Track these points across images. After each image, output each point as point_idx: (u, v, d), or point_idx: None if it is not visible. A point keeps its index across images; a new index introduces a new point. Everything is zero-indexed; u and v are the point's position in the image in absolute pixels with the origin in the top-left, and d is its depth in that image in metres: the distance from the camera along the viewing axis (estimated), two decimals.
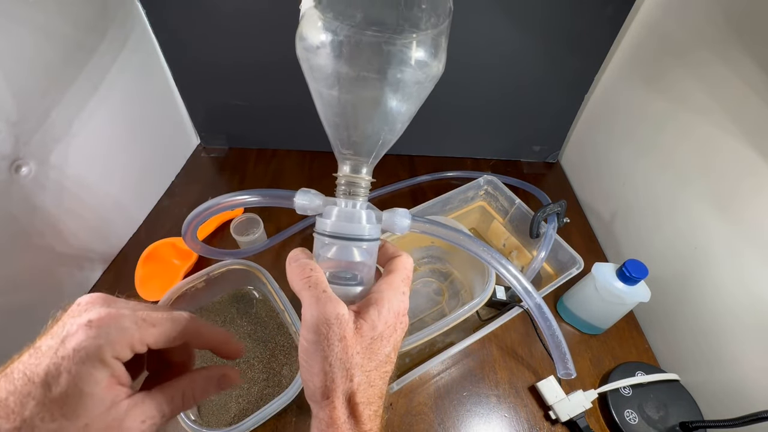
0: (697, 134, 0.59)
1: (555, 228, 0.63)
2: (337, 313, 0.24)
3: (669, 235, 0.64)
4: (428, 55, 0.27)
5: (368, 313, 0.26)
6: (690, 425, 0.52)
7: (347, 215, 0.29)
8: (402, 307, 0.28)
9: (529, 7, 0.70)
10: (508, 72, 0.80)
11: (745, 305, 0.52)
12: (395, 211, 0.31)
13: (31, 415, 0.19)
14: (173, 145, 0.88)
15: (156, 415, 0.23)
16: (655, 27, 0.67)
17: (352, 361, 0.25)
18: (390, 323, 0.27)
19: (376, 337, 0.26)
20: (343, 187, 0.30)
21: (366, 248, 0.29)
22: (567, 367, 0.35)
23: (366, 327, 0.25)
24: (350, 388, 0.25)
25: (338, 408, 0.25)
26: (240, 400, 0.55)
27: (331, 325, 0.24)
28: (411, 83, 0.27)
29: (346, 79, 0.26)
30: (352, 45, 0.25)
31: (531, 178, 0.88)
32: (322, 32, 0.26)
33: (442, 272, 0.72)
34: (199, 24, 0.73)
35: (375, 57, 0.26)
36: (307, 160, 0.91)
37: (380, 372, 0.27)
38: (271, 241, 0.71)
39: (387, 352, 0.27)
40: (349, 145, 0.29)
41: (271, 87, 0.82)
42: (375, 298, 0.27)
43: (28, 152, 0.53)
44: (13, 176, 0.52)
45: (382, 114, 0.28)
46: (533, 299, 0.33)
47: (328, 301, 0.25)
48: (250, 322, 0.63)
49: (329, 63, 0.26)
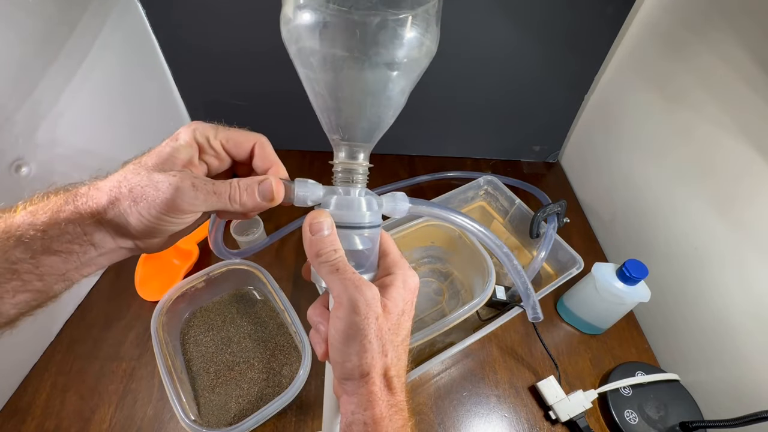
0: (698, 134, 0.59)
1: (555, 228, 0.63)
2: (373, 293, 0.26)
3: (669, 235, 0.64)
4: (419, 31, 0.26)
5: (390, 292, 0.28)
6: (690, 425, 0.52)
7: (346, 203, 0.28)
8: (415, 282, 0.30)
9: (529, 6, 0.70)
10: (508, 72, 0.80)
11: (745, 305, 0.52)
12: (394, 196, 0.31)
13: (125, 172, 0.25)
14: None
15: (208, 187, 0.25)
16: (655, 27, 0.67)
17: (386, 337, 0.26)
18: (408, 299, 0.28)
19: (400, 313, 0.28)
20: (341, 174, 0.29)
21: (368, 235, 0.29)
22: (536, 311, 0.38)
23: (391, 305, 0.27)
24: (386, 363, 0.26)
25: (377, 383, 0.26)
26: (240, 400, 0.55)
27: (370, 305, 0.25)
28: (402, 60, 0.26)
29: (335, 60, 0.25)
30: (338, 23, 0.24)
31: (531, 178, 0.88)
32: (307, 11, 0.24)
33: (442, 272, 0.72)
34: (199, 24, 0.73)
35: (363, 35, 0.25)
36: (307, 160, 0.91)
37: (404, 346, 0.28)
38: (270, 238, 0.71)
39: (408, 326, 0.29)
40: (344, 130, 0.28)
41: (272, 87, 0.82)
42: (391, 279, 0.28)
43: (28, 152, 0.53)
44: (13, 176, 0.52)
45: (374, 96, 0.27)
46: (501, 248, 0.35)
47: (362, 283, 0.26)
48: (250, 322, 0.63)
49: (316, 44, 0.25)
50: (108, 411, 0.54)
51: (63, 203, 0.24)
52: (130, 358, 0.59)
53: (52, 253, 0.24)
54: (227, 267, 0.61)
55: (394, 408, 0.27)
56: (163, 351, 0.52)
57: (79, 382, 0.57)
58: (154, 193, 0.24)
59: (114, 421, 0.53)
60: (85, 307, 0.65)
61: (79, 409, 0.54)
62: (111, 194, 0.24)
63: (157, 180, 0.24)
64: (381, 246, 0.30)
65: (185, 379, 0.55)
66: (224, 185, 0.26)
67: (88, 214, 0.24)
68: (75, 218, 0.24)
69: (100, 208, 0.24)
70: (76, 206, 0.24)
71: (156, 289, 0.66)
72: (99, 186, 0.25)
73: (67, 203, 0.24)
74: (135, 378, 0.57)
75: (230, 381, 0.57)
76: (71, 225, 0.24)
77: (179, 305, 0.60)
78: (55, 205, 0.24)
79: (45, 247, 0.23)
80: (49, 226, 0.23)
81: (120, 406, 0.55)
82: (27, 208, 0.24)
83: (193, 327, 0.62)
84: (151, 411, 0.54)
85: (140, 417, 0.54)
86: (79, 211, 0.24)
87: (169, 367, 0.51)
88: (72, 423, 0.53)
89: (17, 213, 0.24)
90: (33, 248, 0.23)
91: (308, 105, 0.29)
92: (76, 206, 0.24)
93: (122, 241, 0.26)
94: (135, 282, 0.66)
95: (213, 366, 0.58)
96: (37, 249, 0.23)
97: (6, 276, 0.23)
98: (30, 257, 0.23)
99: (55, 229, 0.24)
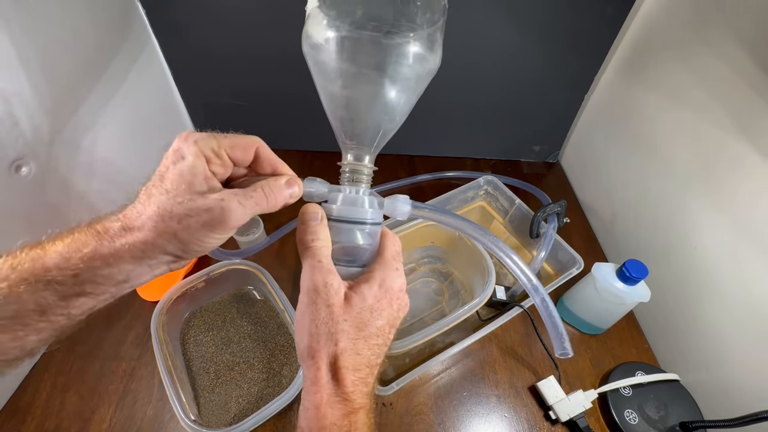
0: (698, 134, 0.59)
1: (555, 228, 0.63)
2: (325, 282, 0.27)
3: (669, 235, 0.64)
4: (425, 50, 0.29)
5: (359, 286, 0.28)
6: (690, 425, 0.52)
7: (351, 200, 0.31)
8: (398, 284, 0.30)
9: (530, 7, 0.70)
10: (508, 72, 0.80)
11: (745, 305, 0.52)
12: (396, 198, 0.33)
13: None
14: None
15: (248, 202, 0.26)
16: (655, 27, 0.67)
17: (337, 327, 0.27)
18: (380, 297, 0.29)
19: (365, 309, 0.28)
20: (347, 174, 0.32)
21: (368, 231, 0.30)
22: (564, 347, 0.35)
23: (356, 298, 0.28)
24: (334, 351, 0.27)
25: (322, 369, 0.27)
26: (240, 400, 0.55)
27: (319, 291, 0.27)
28: (409, 77, 0.29)
29: (348, 74, 0.29)
30: (353, 41, 0.27)
31: (531, 178, 0.88)
32: (326, 30, 0.28)
33: (442, 272, 0.72)
34: (199, 22, 0.73)
35: (375, 52, 0.28)
36: (308, 160, 0.91)
37: (369, 343, 0.28)
38: (271, 238, 0.71)
39: (379, 325, 0.28)
40: (353, 136, 0.31)
41: (272, 87, 0.82)
42: (369, 275, 0.29)
43: (28, 152, 0.53)
44: (13, 176, 0.52)
45: (382, 106, 0.30)
46: (532, 282, 0.34)
47: (320, 271, 0.27)
48: (250, 322, 0.63)
49: (332, 59, 0.28)
50: (108, 411, 0.54)
51: (97, 244, 0.23)
52: (130, 358, 0.59)
53: (83, 295, 0.24)
54: (227, 267, 0.61)
55: (337, 397, 0.27)
56: (163, 351, 0.52)
57: (79, 382, 0.57)
58: (208, 218, 0.25)
59: (114, 421, 0.53)
60: None
61: (79, 409, 0.54)
62: (157, 230, 0.24)
63: (206, 206, 0.25)
64: (380, 245, 0.31)
65: (185, 379, 0.55)
66: (259, 193, 0.27)
67: (129, 252, 0.24)
68: (112, 261, 0.24)
69: (146, 246, 0.24)
70: (115, 249, 0.24)
71: (156, 289, 0.66)
72: (135, 224, 0.24)
73: (101, 245, 0.23)
74: (135, 378, 0.57)
75: (230, 381, 0.57)
76: (108, 268, 0.24)
77: (179, 305, 0.60)
78: (88, 248, 0.23)
79: (77, 291, 0.23)
80: (83, 271, 0.23)
81: (120, 406, 0.55)
82: (57, 248, 0.23)
83: (193, 327, 0.62)
84: (151, 411, 0.54)
85: (140, 417, 0.54)
86: (118, 253, 0.24)
87: (169, 367, 0.51)
88: (72, 423, 0.53)
89: (47, 254, 0.23)
90: (64, 292, 0.23)
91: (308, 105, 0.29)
92: (114, 248, 0.24)
93: (159, 269, 0.26)
94: None
95: (213, 366, 0.58)
96: (68, 293, 0.23)
97: (34, 317, 0.23)
98: (60, 299, 0.23)
99: (88, 273, 0.23)
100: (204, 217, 0.25)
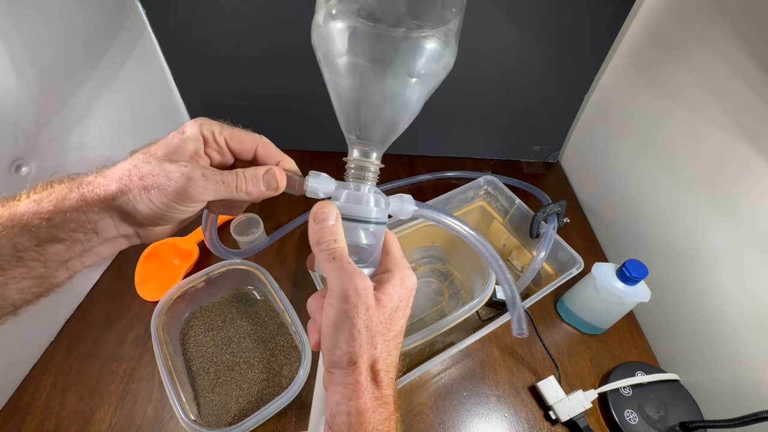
0: (698, 134, 0.59)
1: (555, 228, 0.63)
2: (365, 284, 0.26)
3: (669, 235, 0.64)
4: (440, 46, 0.27)
5: (385, 287, 0.28)
6: (690, 425, 0.52)
7: (356, 197, 0.30)
8: (413, 282, 0.30)
9: (529, 7, 0.70)
10: (508, 72, 0.80)
11: (744, 305, 0.52)
12: (402, 197, 0.32)
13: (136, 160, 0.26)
14: None
15: (216, 177, 0.26)
16: (655, 27, 0.67)
17: (376, 329, 0.26)
18: (404, 297, 0.29)
19: (394, 309, 0.28)
20: (353, 170, 0.31)
21: (373, 231, 0.30)
22: (521, 327, 0.39)
23: (385, 299, 0.27)
24: (374, 355, 0.26)
25: (363, 373, 0.26)
26: (240, 400, 0.55)
27: (360, 294, 0.26)
28: (422, 72, 0.28)
29: (358, 68, 0.27)
30: (365, 34, 0.26)
31: (531, 178, 0.88)
32: (337, 21, 0.26)
33: (442, 272, 0.72)
34: (199, 23, 0.73)
35: (387, 47, 0.26)
36: (308, 160, 0.91)
37: (396, 342, 0.28)
38: (271, 238, 0.71)
39: (402, 324, 0.29)
40: (360, 131, 0.30)
41: (272, 86, 0.82)
42: (388, 276, 0.29)
43: (28, 152, 0.53)
44: (13, 176, 0.52)
45: (393, 102, 0.29)
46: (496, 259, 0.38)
47: (355, 273, 0.26)
48: (250, 322, 0.63)
49: (343, 52, 0.27)
50: (108, 411, 0.54)
51: (68, 191, 0.25)
52: (130, 358, 0.59)
53: (56, 240, 0.24)
54: (227, 267, 0.61)
55: (378, 401, 0.27)
56: (163, 351, 0.52)
57: (79, 382, 0.57)
58: (166, 182, 0.25)
59: (114, 421, 0.53)
60: (85, 307, 0.65)
61: (79, 409, 0.54)
62: (121, 182, 0.25)
63: (168, 170, 0.25)
64: (384, 245, 0.31)
65: (185, 379, 0.55)
66: (231, 175, 0.27)
67: (95, 201, 0.25)
68: (80, 206, 0.25)
69: (108, 195, 0.25)
70: (82, 194, 0.25)
71: (156, 289, 0.66)
72: (107, 174, 0.25)
73: (72, 191, 0.25)
74: (135, 378, 0.57)
75: (230, 381, 0.57)
76: (76, 213, 0.25)
77: (179, 305, 0.60)
78: (59, 194, 0.25)
79: (50, 235, 0.24)
80: (54, 214, 0.24)
81: (120, 406, 0.55)
82: (31, 197, 0.25)
83: (193, 327, 0.62)
84: (151, 411, 0.54)
85: (140, 417, 0.54)
86: (84, 198, 0.25)
87: (169, 367, 0.51)
88: (72, 423, 0.53)
89: (21, 201, 0.24)
90: (38, 236, 0.24)
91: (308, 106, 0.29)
92: (81, 194, 0.25)
93: (125, 229, 0.27)
94: (135, 282, 0.66)
95: (213, 366, 0.58)
96: (42, 237, 0.24)
97: (12, 262, 0.24)
98: (35, 245, 0.24)
99: (59, 216, 0.24)
100: (162, 180, 0.25)
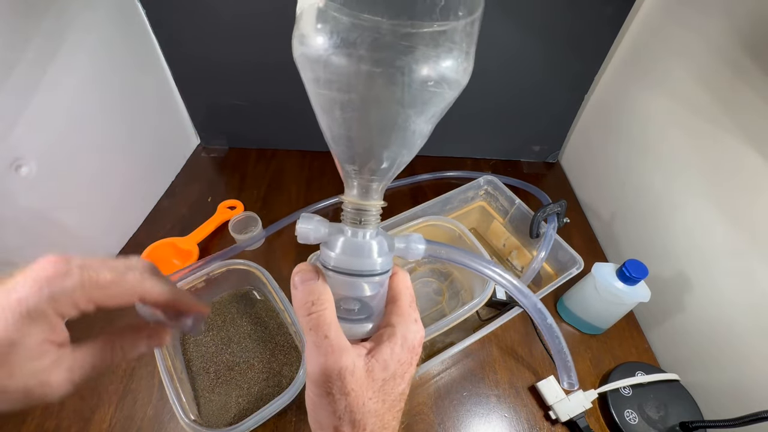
0: (698, 134, 0.59)
1: (555, 228, 0.63)
2: (339, 369, 0.22)
3: (669, 235, 0.64)
4: (454, 62, 0.22)
5: (380, 352, 0.24)
6: (690, 425, 0.52)
7: (355, 247, 0.24)
8: (417, 339, 0.26)
9: (530, 7, 0.70)
10: (508, 72, 0.80)
11: (745, 305, 0.52)
12: (409, 237, 0.27)
13: None
14: (173, 144, 0.88)
15: (84, 366, 0.24)
16: (655, 27, 0.67)
17: (362, 410, 0.23)
18: (404, 360, 0.24)
19: (388, 378, 0.24)
20: (351, 213, 0.25)
21: (378, 281, 0.25)
22: (570, 377, 0.36)
23: (378, 368, 0.23)
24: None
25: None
26: (240, 400, 0.55)
27: (333, 381, 0.22)
28: (434, 93, 0.23)
29: (359, 89, 0.22)
30: (366, 49, 0.20)
31: (531, 178, 0.88)
32: (331, 33, 0.20)
33: (442, 272, 0.72)
34: (199, 23, 0.73)
35: (394, 63, 0.21)
36: (307, 160, 0.91)
37: (393, 412, 0.25)
38: (266, 231, 0.71)
39: (401, 390, 0.25)
40: (360, 165, 0.25)
41: (272, 86, 0.82)
42: (388, 334, 0.25)
43: (28, 152, 0.53)
44: (12, 176, 0.52)
45: (399, 129, 0.23)
46: (545, 320, 0.35)
47: (330, 353, 0.22)
48: (250, 322, 0.63)
49: (339, 70, 0.21)
50: (108, 411, 0.54)
51: None
52: (130, 358, 0.59)
53: None
54: (227, 267, 0.61)
55: None
56: (163, 351, 0.52)
57: None
58: (20, 396, 0.22)
59: (114, 421, 0.53)
60: None
61: (79, 409, 0.54)
62: None
63: (17, 387, 0.22)
64: (391, 288, 0.27)
65: (185, 379, 0.55)
66: (102, 351, 0.26)
67: None
68: None
69: None
70: None
71: None
72: None
73: None
74: (135, 378, 0.57)
75: (230, 381, 0.57)
76: None
77: None
78: None
79: None
80: None
81: (120, 406, 0.55)
82: None
83: None
84: (151, 411, 0.54)
85: (140, 417, 0.54)
86: None
87: (169, 367, 0.51)
88: (72, 423, 0.53)
89: None
90: None
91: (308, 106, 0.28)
92: None
93: None
94: None
95: (213, 366, 0.58)
96: None
97: None
98: None
99: None
100: (15, 396, 0.22)
